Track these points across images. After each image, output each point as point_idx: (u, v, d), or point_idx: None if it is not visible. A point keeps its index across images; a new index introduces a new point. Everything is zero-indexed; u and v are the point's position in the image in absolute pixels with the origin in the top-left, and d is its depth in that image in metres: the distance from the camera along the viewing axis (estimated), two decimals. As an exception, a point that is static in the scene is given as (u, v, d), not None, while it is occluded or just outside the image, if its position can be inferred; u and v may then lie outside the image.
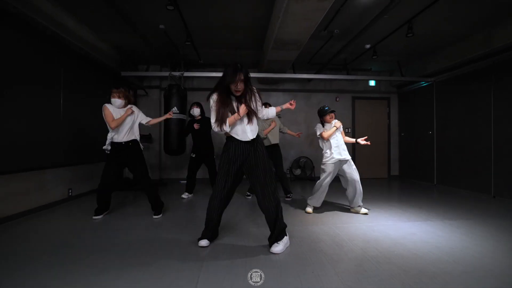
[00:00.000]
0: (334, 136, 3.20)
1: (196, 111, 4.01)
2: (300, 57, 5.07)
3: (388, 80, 6.31)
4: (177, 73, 4.89)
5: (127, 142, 2.87)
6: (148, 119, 3.11)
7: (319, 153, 3.49)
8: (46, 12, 3.28)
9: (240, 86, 2.04)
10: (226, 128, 2.05)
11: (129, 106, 2.99)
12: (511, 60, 3.86)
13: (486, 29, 4.00)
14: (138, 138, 3.03)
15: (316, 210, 3.31)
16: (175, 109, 4.59)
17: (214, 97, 2.08)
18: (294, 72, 5.46)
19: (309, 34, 3.45)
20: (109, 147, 2.90)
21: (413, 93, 6.02)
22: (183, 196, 4.11)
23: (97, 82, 4.47)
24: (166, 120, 4.51)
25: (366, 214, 3.16)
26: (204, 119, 4.04)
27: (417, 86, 5.82)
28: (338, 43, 4.49)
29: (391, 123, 6.49)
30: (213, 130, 2.11)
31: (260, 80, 5.93)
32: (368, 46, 4.67)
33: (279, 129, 4.07)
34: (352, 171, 3.15)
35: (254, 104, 2.13)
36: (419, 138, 5.79)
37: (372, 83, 6.35)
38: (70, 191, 3.82)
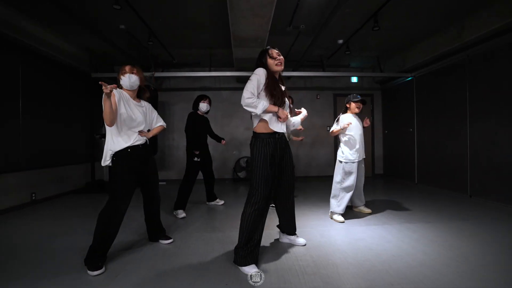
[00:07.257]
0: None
1: (206, 107, 3.36)
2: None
3: (370, 77, 6.14)
4: (147, 74, 4.82)
5: None
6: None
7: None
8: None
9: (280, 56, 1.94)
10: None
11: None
12: (484, 53, 3.67)
13: (458, 21, 3.78)
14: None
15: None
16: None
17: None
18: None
19: (266, 30, 3.33)
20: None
21: (395, 89, 5.83)
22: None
23: (65, 84, 4.44)
24: None
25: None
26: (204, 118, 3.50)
27: (399, 82, 5.63)
28: (309, 39, 4.35)
29: (375, 120, 6.30)
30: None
31: (238, 79, 5.84)
32: (341, 41, 4.51)
33: None
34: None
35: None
36: (401, 135, 5.60)
37: (354, 79, 6.19)
38: (33, 195, 3.80)
